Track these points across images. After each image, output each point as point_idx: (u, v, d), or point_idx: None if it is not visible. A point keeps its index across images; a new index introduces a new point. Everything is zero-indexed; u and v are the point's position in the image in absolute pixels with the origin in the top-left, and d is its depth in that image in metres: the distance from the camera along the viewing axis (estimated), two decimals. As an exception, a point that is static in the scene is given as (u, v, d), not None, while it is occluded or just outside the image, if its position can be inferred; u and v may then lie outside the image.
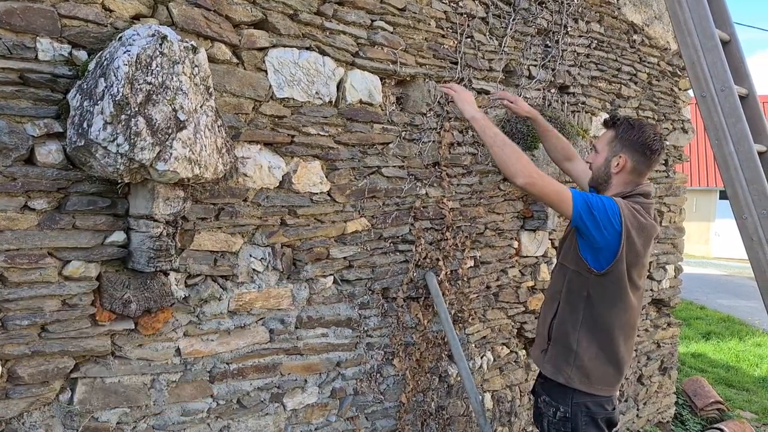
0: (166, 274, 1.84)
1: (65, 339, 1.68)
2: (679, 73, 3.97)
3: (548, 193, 1.96)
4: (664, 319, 4.21)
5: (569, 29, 3.15)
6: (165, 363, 1.91)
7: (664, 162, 3.98)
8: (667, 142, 3.97)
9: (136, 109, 1.48)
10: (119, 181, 1.61)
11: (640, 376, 4.02)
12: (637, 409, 4.03)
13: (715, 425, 4.45)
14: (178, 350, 1.94)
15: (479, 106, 2.75)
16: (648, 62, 3.73)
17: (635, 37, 3.62)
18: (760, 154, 2.35)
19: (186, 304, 1.93)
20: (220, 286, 2.01)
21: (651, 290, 3.99)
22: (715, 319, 9.13)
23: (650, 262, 3.92)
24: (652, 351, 4.12)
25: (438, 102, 2.58)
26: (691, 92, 4.03)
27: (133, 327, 1.82)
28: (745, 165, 2.28)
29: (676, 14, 2.40)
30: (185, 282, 1.92)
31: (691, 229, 19.61)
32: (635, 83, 3.66)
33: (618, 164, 2.07)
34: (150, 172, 1.56)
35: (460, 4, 2.63)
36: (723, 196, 20.13)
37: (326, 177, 2.23)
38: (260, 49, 2.02)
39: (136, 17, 1.74)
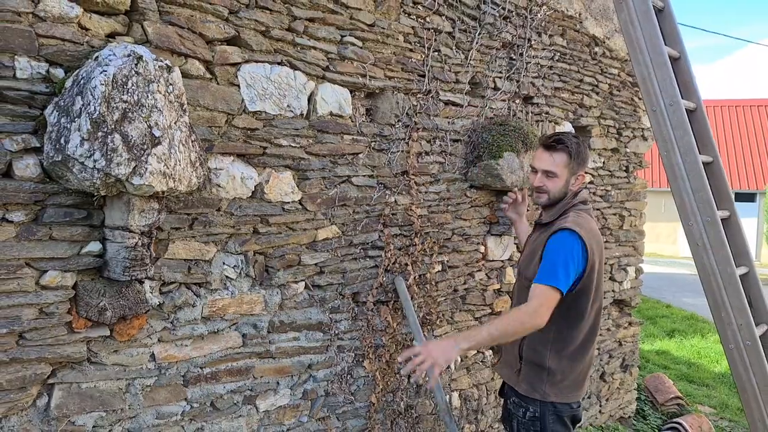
0: (141, 282, 1.91)
1: (42, 346, 1.74)
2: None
3: (551, 307, 2.00)
4: (626, 319, 4.39)
5: (533, 42, 3.28)
6: (140, 368, 1.97)
7: (625, 168, 4.15)
8: (628, 150, 4.15)
9: (113, 126, 1.55)
10: (95, 194, 1.68)
11: (603, 374, 4.19)
12: (600, 406, 4.19)
13: (675, 420, 4.65)
14: (152, 355, 2.00)
15: (446, 118, 2.87)
16: (609, 73, 3.90)
17: (597, 49, 3.78)
18: (706, 164, 2.50)
19: (160, 311, 1.99)
20: (194, 293, 2.08)
21: (613, 291, 4.16)
22: (679, 317, 9.44)
23: (612, 265, 4.09)
24: (614, 349, 4.29)
25: (406, 113, 2.69)
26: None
27: (109, 334, 1.88)
28: (691, 175, 2.44)
29: (629, 33, 2.55)
30: (160, 289, 1.99)
31: (660, 230, 20.14)
32: (597, 93, 3.82)
33: (577, 181, 2.22)
34: (126, 186, 1.63)
35: (427, 19, 2.74)
36: (690, 196, 20.66)
37: (298, 187, 2.32)
38: (233, 65, 2.10)
39: (112, 35, 1.80)
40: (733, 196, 2.67)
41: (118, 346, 1.91)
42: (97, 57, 1.62)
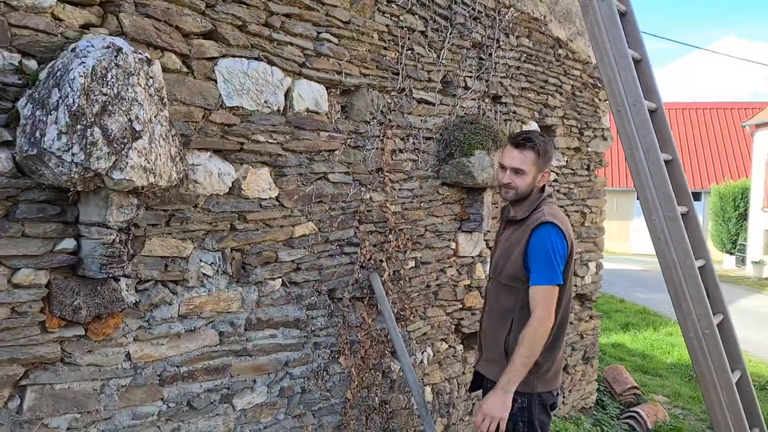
0: (116, 280, 1.86)
1: (14, 347, 1.68)
2: (599, 85, 4.29)
3: (554, 304, 2.12)
4: (587, 312, 4.53)
5: (501, 43, 3.36)
6: (115, 368, 1.93)
7: (586, 167, 4.29)
8: (589, 149, 4.29)
9: (92, 119, 1.52)
10: (71, 189, 1.63)
11: (566, 366, 4.31)
12: (563, 397, 4.32)
13: (632, 409, 4.85)
14: (128, 355, 1.96)
15: (419, 116, 2.91)
16: (572, 74, 4.02)
17: (560, 51, 3.89)
18: (667, 162, 2.62)
19: (136, 310, 1.95)
20: (171, 291, 2.05)
21: (575, 286, 4.30)
22: (632, 312, 9.80)
23: (574, 260, 4.22)
24: (576, 342, 4.43)
25: (381, 111, 2.71)
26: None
27: (83, 333, 1.83)
28: (653, 172, 2.54)
29: (595, 36, 2.64)
30: (136, 287, 1.95)
31: (612, 227, 20.78)
32: (561, 94, 3.94)
33: (543, 177, 2.29)
34: (105, 181, 1.59)
35: (401, 18, 2.76)
36: (640, 195, 21.50)
37: (275, 183, 2.31)
38: (210, 59, 2.07)
39: (86, 27, 1.75)
40: (690, 193, 2.80)
41: (93, 345, 1.86)
42: (74, 48, 1.57)
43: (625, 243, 21.12)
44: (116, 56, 1.57)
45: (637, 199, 2.64)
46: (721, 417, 2.44)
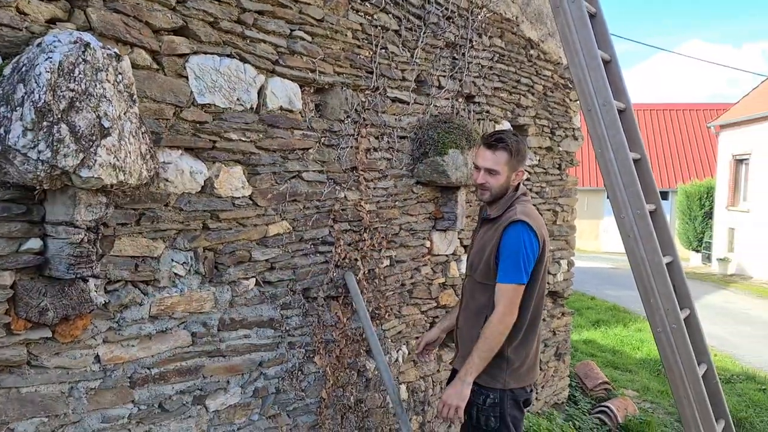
0: (85, 280, 1.82)
1: (-22, 350, 1.63)
2: (569, 85, 4.35)
3: (518, 302, 2.18)
4: (559, 309, 4.60)
5: (474, 43, 3.38)
6: (84, 370, 1.88)
7: (558, 166, 4.35)
8: (560, 148, 4.35)
9: (59, 115, 1.48)
10: (38, 187, 1.59)
11: (539, 362, 4.37)
12: (536, 393, 4.38)
13: (603, 404, 4.94)
14: (97, 357, 1.92)
15: (393, 114, 2.92)
16: (543, 75, 4.07)
17: (532, 51, 3.94)
18: (635, 161, 2.68)
19: (106, 311, 1.91)
20: (142, 291, 2.01)
21: (548, 283, 4.35)
22: (603, 309, 9.98)
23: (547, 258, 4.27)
24: (549, 338, 4.49)
25: (355, 109, 2.70)
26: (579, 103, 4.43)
27: (51, 335, 1.78)
28: (622, 171, 2.60)
29: (565, 36, 2.68)
30: (105, 288, 1.91)
31: (583, 226, 21.11)
32: (532, 94, 3.99)
33: (516, 177, 2.31)
34: (72, 179, 1.55)
35: (375, 16, 2.76)
36: (610, 195, 21.95)
37: (248, 181, 2.28)
38: (181, 56, 2.04)
39: (52, 21, 1.71)
40: (658, 191, 2.87)
41: (61, 348, 1.81)
42: (40, 43, 1.53)
43: (596, 241, 21.50)
44: (84, 51, 1.54)
45: (607, 197, 2.70)
46: (688, 410, 2.50)
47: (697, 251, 18.45)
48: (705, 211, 18.41)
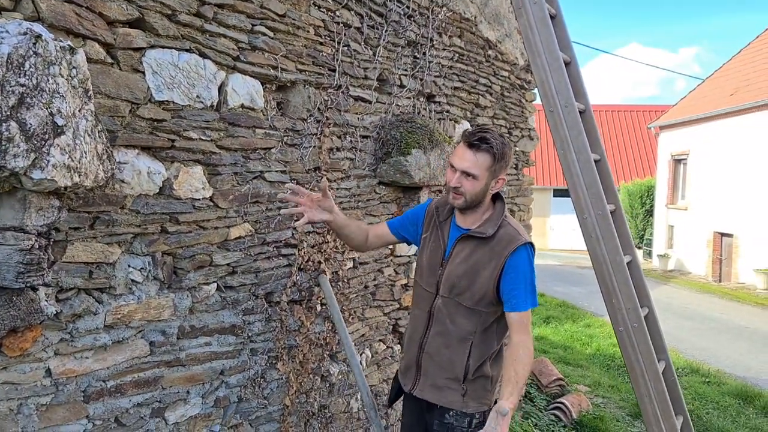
0: (35, 289, 1.69)
1: None
2: (525, 86, 4.42)
3: (531, 335, 2.08)
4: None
5: (435, 42, 3.38)
6: (34, 385, 1.75)
7: (515, 166, 4.41)
8: (517, 148, 4.41)
9: (8, 113, 1.36)
10: (-19, 190, 1.46)
11: (498, 361, 4.42)
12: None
13: (558, 400, 5.05)
14: (48, 371, 1.79)
15: (356, 113, 2.87)
16: (501, 75, 4.11)
17: (490, 52, 3.97)
18: (596, 162, 2.72)
19: (57, 321, 1.78)
20: (96, 300, 1.89)
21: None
22: (553, 305, 10.24)
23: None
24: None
25: (318, 108, 2.64)
26: (534, 103, 4.51)
27: (-4, 349, 1.65)
28: (584, 171, 2.64)
29: (528, 38, 2.70)
30: (56, 297, 1.78)
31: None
32: (491, 94, 4.02)
33: (497, 185, 2.08)
34: (23, 181, 1.44)
35: (337, 13, 2.71)
36: (556, 194, 22.61)
37: (208, 182, 2.19)
38: (137, 50, 1.92)
39: (-3, 10, 1.58)
40: (617, 191, 2.93)
41: (8, 362, 1.68)
42: (-16, 33, 1.41)
43: (543, 239, 22.07)
44: (35, 44, 1.42)
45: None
46: (650, 407, 2.57)
47: (639, 248, 19.22)
48: (646, 209, 19.21)
